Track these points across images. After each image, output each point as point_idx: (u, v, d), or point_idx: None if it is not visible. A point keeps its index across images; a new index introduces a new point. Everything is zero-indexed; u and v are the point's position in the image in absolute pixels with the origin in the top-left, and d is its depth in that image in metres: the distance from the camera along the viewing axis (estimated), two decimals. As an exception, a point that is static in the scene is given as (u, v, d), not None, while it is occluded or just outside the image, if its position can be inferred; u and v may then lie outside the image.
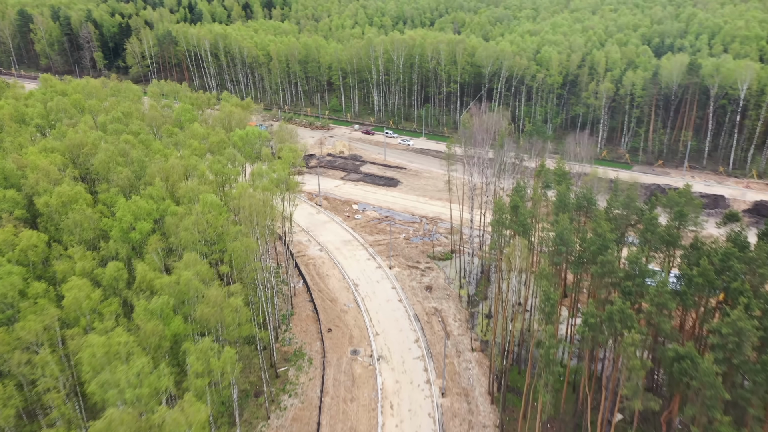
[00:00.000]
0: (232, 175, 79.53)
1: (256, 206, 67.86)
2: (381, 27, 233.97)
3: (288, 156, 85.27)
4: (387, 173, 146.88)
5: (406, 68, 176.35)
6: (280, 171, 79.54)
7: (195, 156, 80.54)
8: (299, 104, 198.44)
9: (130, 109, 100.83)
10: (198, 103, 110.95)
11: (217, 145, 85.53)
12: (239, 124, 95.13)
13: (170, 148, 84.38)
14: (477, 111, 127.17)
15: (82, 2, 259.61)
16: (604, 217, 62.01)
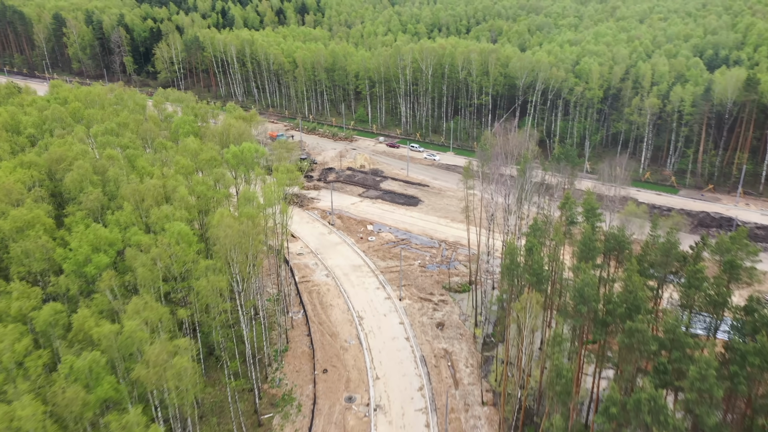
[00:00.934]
0: (217, 198, 71.47)
1: (233, 237, 59.39)
2: (415, 34, 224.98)
3: (282, 177, 76.70)
4: (408, 191, 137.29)
5: (435, 78, 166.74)
6: (269, 195, 71.07)
7: (180, 175, 73.01)
8: (325, 113, 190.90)
9: (127, 119, 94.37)
10: (201, 113, 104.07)
11: (207, 162, 77.90)
12: (239, 138, 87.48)
13: (156, 165, 77.19)
14: (501, 130, 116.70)
15: (116, 6, 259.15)
16: (636, 268, 51.14)
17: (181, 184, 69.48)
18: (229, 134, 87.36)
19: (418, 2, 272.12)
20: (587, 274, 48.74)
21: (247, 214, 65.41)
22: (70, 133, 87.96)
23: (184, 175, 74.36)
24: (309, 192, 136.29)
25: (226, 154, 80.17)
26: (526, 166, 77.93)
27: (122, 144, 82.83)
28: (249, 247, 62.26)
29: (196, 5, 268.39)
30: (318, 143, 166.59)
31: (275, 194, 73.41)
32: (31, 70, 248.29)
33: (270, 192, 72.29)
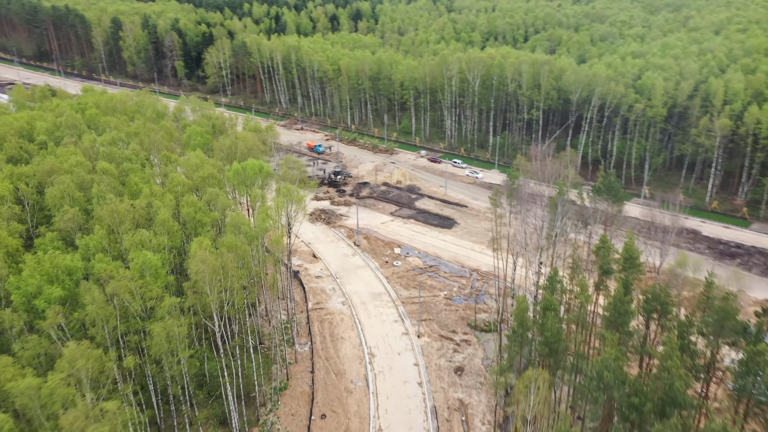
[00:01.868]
0: (206, 222, 64.52)
1: (209, 272, 52.04)
2: (469, 43, 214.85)
3: (281, 201, 68.91)
4: (444, 211, 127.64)
5: (483, 90, 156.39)
6: (260, 224, 63.49)
7: (171, 194, 66.73)
8: (368, 124, 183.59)
9: (138, 128, 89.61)
10: (218, 123, 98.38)
11: (204, 180, 71.43)
12: (248, 153, 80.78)
13: (151, 181, 71.33)
14: (540, 153, 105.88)
15: (173, 11, 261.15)
16: (678, 345, 40.35)
17: (166, 205, 63.03)
18: (236, 149, 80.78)
19: (475, 10, 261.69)
20: (611, 351, 38.48)
21: (228, 244, 58.01)
22: (76, 143, 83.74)
23: (178, 194, 68.17)
24: (339, 208, 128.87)
25: (227, 171, 73.52)
26: (559, 200, 67.35)
27: (124, 156, 77.68)
28: (230, 283, 54.79)
29: (251, 11, 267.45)
30: (356, 155, 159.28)
31: (273, 219, 65.87)
32: (89, 73, 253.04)
33: (263, 216, 64.77)
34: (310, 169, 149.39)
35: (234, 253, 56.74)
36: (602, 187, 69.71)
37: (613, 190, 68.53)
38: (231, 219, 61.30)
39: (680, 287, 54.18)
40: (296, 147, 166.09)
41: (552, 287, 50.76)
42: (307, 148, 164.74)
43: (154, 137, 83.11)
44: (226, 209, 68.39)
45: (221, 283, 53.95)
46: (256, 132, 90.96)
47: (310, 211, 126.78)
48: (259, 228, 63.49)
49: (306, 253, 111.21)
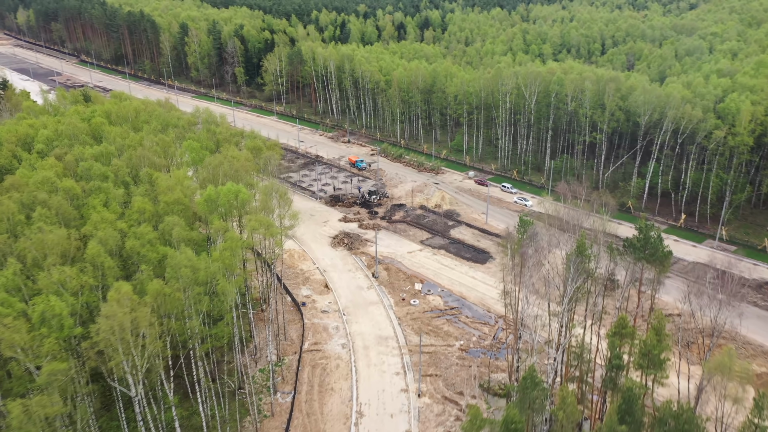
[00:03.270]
0: (152, 259, 55.75)
1: (118, 329, 42.96)
2: (539, 55, 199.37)
3: (232, 245, 58.72)
4: (481, 242, 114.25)
5: (541, 108, 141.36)
6: (213, 265, 53.81)
7: (126, 223, 58.89)
8: (419, 139, 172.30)
9: (133, 141, 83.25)
10: (222, 138, 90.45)
11: (170, 207, 63.06)
12: (235, 176, 71.89)
13: (115, 204, 63.89)
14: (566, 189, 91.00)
15: (241, 17, 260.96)
16: None
17: (109, 236, 54.99)
18: (219, 171, 71.93)
19: (550, 20, 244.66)
20: None
21: (154, 292, 48.83)
22: (64, 155, 78.22)
23: (135, 222, 60.30)
24: (366, 232, 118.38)
25: (198, 200, 64.88)
26: (572, 261, 53.60)
27: (101, 173, 71.08)
28: (147, 344, 45.45)
29: (318, 18, 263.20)
30: (399, 173, 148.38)
31: (233, 260, 56.18)
32: (157, 77, 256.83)
33: (226, 254, 55.23)
34: (346, 186, 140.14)
35: (159, 304, 47.62)
36: (638, 242, 55.23)
37: (654, 247, 53.90)
38: (172, 259, 52.05)
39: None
40: (338, 161, 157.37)
41: (523, 394, 37.84)
42: (348, 163, 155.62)
43: (142, 152, 76.16)
44: (189, 241, 59.53)
45: (134, 343, 44.88)
46: (256, 151, 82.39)
47: (334, 234, 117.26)
48: (212, 270, 54.00)
49: (318, 282, 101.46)
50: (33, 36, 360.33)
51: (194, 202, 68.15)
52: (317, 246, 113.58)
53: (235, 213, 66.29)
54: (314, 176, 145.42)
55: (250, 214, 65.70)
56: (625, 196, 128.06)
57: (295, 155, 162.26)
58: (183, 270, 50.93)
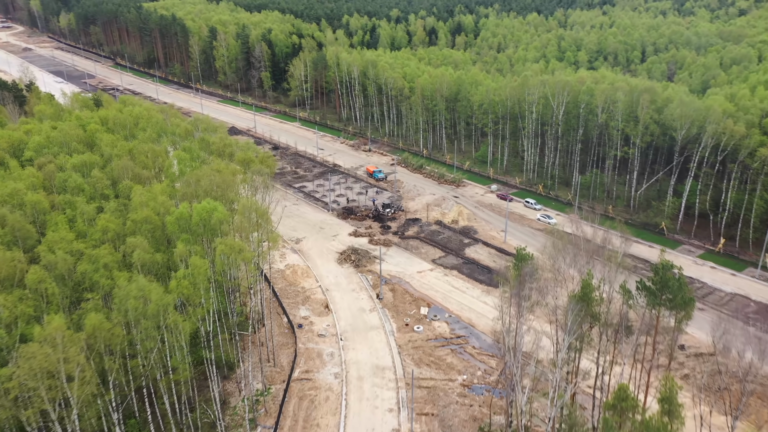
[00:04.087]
0: (105, 285, 50.50)
1: (40, 380, 37.62)
2: (573, 63, 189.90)
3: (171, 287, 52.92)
4: (497, 263, 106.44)
5: (570, 119, 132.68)
6: (163, 296, 48.25)
7: (83, 244, 54.09)
8: (442, 149, 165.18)
9: (121, 150, 79.06)
10: (216, 149, 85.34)
11: (137, 227, 58.01)
12: (214, 193, 66.53)
13: (80, 221, 59.33)
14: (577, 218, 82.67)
15: (272, 21, 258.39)
16: None
17: (61, 258, 50.14)
18: (197, 187, 66.54)
19: (588, 26, 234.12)
20: None
21: (92, 326, 43.37)
22: (48, 164, 74.41)
23: (96, 242, 55.48)
24: (376, 248, 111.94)
25: (168, 217, 59.68)
26: (570, 308, 46.04)
27: (76, 185, 66.82)
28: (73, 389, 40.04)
29: (349, 23, 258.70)
30: (418, 185, 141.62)
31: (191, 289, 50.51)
32: (186, 81, 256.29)
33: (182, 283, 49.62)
34: (360, 198, 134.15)
35: (99, 340, 42.23)
36: (654, 285, 47.31)
37: (671, 290, 45.93)
38: (120, 289, 46.58)
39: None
40: (355, 171, 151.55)
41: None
42: (366, 173, 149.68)
43: (124, 163, 71.66)
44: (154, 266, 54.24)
45: (61, 387, 39.59)
46: (247, 163, 77.11)
47: (342, 249, 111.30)
48: (166, 302, 48.47)
49: (319, 302, 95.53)
50: (73, 39, 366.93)
51: (172, 220, 63.20)
52: (323, 262, 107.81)
53: (209, 234, 60.93)
54: (329, 186, 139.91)
55: (226, 235, 60.18)
56: (658, 216, 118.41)
57: (313, 163, 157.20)
58: (131, 302, 45.63)
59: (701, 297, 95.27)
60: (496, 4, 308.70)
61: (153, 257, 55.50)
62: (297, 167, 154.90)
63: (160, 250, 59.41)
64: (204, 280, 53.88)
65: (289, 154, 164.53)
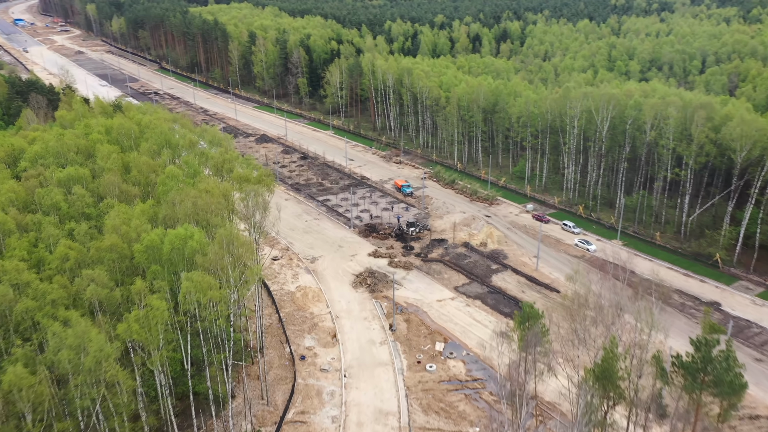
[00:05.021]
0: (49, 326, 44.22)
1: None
2: (624, 73, 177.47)
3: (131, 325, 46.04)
4: (526, 294, 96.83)
5: (615, 135, 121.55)
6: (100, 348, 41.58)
7: (36, 274, 48.28)
8: (477, 163, 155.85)
9: (113, 163, 73.87)
10: (219, 163, 78.88)
11: (101, 255, 51.86)
12: (196, 216, 59.91)
13: (41, 247, 53.74)
14: (605, 275, 72.33)
15: (313, 27, 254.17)
16: None
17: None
18: (177, 209, 60.00)
19: (643, 33, 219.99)
20: None
21: (9, 382, 36.92)
22: (35, 177, 69.82)
23: (57, 272, 49.69)
24: (396, 271, 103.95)
25: (136, 245, 53.44)
26: (584, 392, 36.90)
27: (53, 203, 61.68)
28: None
29: (391, 28, 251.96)
30: (448, 201, 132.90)
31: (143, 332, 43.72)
32: (226, 86, 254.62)
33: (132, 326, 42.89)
34: (386, 214, 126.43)
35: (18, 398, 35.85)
36: (694, 363, 37.69)
37: (716, 370, 36.29)
38: (54, 337, 39.90)
39: None
40: (382, 185, 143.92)
41: None
42: (394, 187, 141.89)
43: (110, 178, 66.22)
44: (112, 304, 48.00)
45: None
46: (244, 182, 70.42)
47: (358, 271, 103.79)
48: (107, 352, 41.83)
49: (326, 331, 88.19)
50: (123, 43, 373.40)
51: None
52: (336, 284, 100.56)
53: (184, 266, 54.39)
54: (353, 200, 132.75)
55: (201, 266, 53.45)
56: (712, 247, 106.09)
57: (340, 175, 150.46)
58: (63, 353, 39.27)
59: (759, 345, 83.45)
60: (546, 10, 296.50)
61: (111, 294, 49.36)
62: (323, 178, 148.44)
63: (126, 284, 53.29)
64: (162, 322, 47.25)
65: (317, 165, 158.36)
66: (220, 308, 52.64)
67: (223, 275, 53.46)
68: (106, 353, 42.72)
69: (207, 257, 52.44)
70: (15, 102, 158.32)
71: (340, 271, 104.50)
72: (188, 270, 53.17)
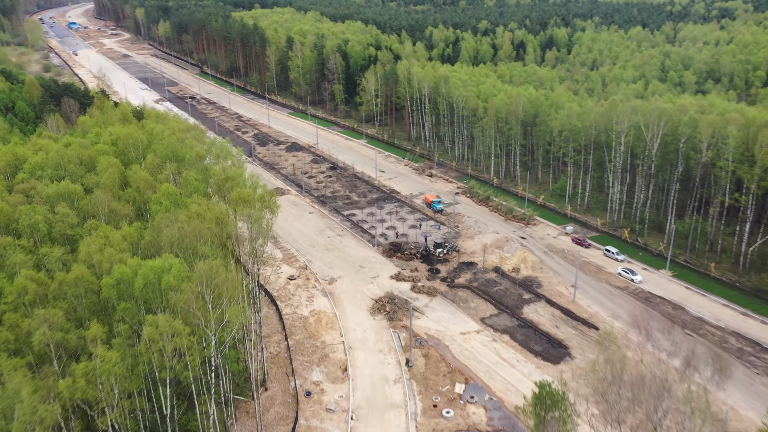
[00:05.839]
0: None
1: None
2: (678, 84, 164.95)
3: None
4: (560, 330, 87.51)
5: (667, 153, 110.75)
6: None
7: None
8: (515, 178, 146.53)
9: (109, 179, 68.65)
10: (215, 182, 72.64)
11: (62, 290, 46.01)
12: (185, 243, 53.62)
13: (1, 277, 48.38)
14: (639, 319, 62.13)
15: (352, 32, 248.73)
16: None
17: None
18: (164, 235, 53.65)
19: (701, 42, 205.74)
20: None
21: None
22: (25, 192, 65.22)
23: (12, 308, 44.12)
24: (418, 297, 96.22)
25: (106, 279, 47.36)
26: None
27: (29, 223, 56.62)
28: None
29: (432, 34, 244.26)
30: (481, 220, 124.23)
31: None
32: (263, 91, 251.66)
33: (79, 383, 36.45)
34: (413, 232, 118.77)
35: None
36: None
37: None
38: None
39: None
40: (412, 199, 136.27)
41: None
42: (424, 202, 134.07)
43: (98, 196, 60.86)
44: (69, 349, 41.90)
45: None
46: (244, 203, 63.93)
47: (378, 296, 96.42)
48: (42, 415, 35.50)
49: (337, 364, 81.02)
50: (168, 47, 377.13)
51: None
52: (353, 310, 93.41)
53: (160, 304, 48.11)
54: (380, 216, 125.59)
55: (174, 306, 47.01)
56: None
57: (369, 187, 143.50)
58: None
59: (832, 404, 71.91)
60: (596, 16, 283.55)
61: (66, 337, 43.42)
62: (351, 191, 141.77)
63: (92, 322, 47.19)
64: (116, 376, 41.02)
65: (346, 176, 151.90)
66: (190, 359, 46.00)
67: (202, 316, 47.05)
68: (39, 417, 36.70)
69: (182, 295, 46.12)
70: (48, 106, 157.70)
71: (358, 295, 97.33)
72: (165, 308, 46.83)
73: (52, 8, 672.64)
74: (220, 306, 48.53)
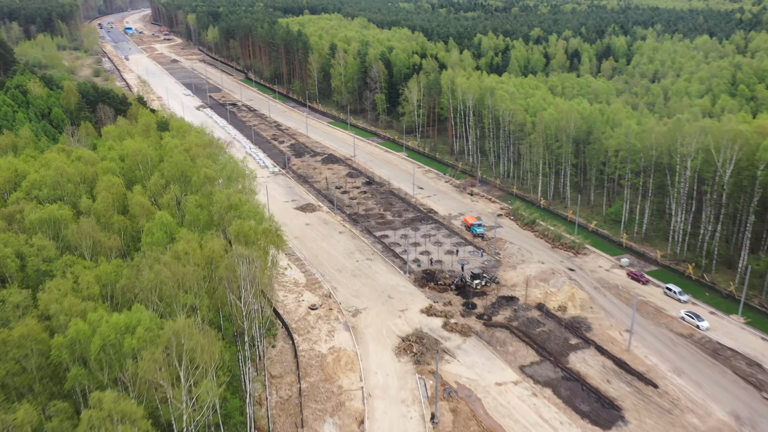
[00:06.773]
0: None
1: None
2: (750, 99, 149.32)
3: None
4: (611, 386, 75.85)
5: (741, 180, 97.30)
6: None
7: None
8: (564, 200, 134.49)
9: (105, 203, 61.67)
10: (215, 211, 64.38)
11: (6, 349, 38.41)
12: (166, 291, 45.55)
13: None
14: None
15: (398, 39, 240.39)
16: None
17: None
18: (142, 278, 45.47)
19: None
20: None
21: None
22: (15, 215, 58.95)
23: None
24: (450, 336, 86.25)
25: (57, 338, 39.33)
26: None
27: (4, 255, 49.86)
28: None
29: (481, 42, 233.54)
30: (525, 247, 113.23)
31: None
32: (304, 99, 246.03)
33: None
34: (449, 258, 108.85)
35: None
36: None
37: None
38: None
39: None
40: (450, 221, 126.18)
41: None
42: (463, 224, 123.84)
43: (84, 224, 53.83)
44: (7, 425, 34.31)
45: None
46: (245, 238, 55.50)
47: (406, 333, 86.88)
48: None
49: (353, 415, 71.86)
50: (217, 52, 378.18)
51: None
52: (377, 348, 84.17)
53: (119, 367, 40.10)
54: (415, 238, 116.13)
55: (132, 378, 38.86)
56: None
57: (405, 206, 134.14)
58: None
59: None
60: (658, 24, 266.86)
61: (11, 408, 35.87)
62: (386, 209, 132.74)
63: (39, 393, 39.28)
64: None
65: (382, 192, 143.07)
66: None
67: (168, 390, 38.91)
68: None
69: (143, 363, 38.04)
70: (83, 112, 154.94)
71: (384, 331, 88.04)
72: (131, 377, 38.90)
73: (112, 14, 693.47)
74: (193, 376, 40.28)
